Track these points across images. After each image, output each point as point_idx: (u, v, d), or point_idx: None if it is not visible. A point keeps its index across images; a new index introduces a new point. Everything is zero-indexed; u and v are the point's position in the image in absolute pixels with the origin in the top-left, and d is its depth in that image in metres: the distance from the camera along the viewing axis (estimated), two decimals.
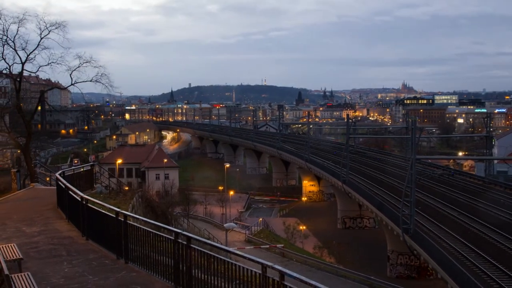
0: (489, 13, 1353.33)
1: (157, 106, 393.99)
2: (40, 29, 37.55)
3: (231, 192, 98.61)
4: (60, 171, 27.85)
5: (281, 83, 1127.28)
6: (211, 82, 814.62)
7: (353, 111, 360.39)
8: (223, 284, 11.06)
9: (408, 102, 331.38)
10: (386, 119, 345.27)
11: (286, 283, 9.48)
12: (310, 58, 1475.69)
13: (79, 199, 19.07)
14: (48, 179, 40.53)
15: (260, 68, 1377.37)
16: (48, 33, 37.75)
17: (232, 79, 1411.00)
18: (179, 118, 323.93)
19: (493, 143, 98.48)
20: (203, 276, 11.81)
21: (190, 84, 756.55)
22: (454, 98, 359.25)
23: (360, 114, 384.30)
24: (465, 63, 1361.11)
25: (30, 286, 12.42)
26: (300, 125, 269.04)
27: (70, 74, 39.31)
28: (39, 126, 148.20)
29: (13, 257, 14.91)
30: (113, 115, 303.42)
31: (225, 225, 63.87)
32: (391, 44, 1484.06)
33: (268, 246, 61.52)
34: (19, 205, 27.78)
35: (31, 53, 37.87)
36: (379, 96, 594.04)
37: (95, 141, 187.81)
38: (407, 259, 56.56)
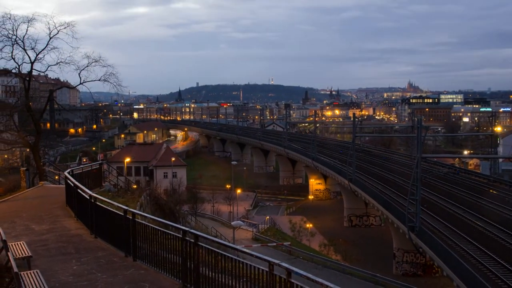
0: None
1: (165, 105, 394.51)
2: (49, 29, 37.88)
3: (238, 191, 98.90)
4: (68, 170, 28.07)
5: (288, 82, 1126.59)
6: (219, 81, 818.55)
7: (359, 110, 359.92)
8: (230, 281, 11.15)
9: (414, 101, 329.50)
10: (392, 118, 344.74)
11: (293, 280, 9.53)
12: (316, 57, 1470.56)
13: (88, 197, 19.26)
14: (57, 177, 40.73)
15: (267, 66, 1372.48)
16: (57, 33, 38.06)
17: (239, 78, 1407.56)
18: (187, 117, 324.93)
19: (498, 141, 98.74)
20: (210, 273, 11.91)
21: (197, 83, 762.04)
22: (459, 97, 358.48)
23: (366, 113, 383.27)
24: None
25: (39, 284, 12.47)
26: (307, 124, 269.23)
27: (79, 74, 39.55)
28: (48, 125, 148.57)
29: (22, 254, 15.02)
30: (121, 114, 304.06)
31: (232, 223, 63.97)
32: (396, 41, 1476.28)
33: (275, 244, 61.65)
34: (28, 203, 27.90)
35: (40, 52, 38.16)
36: (385, 95, 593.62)
37: (104, 140, 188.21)
38: (412, 257, 56.61)
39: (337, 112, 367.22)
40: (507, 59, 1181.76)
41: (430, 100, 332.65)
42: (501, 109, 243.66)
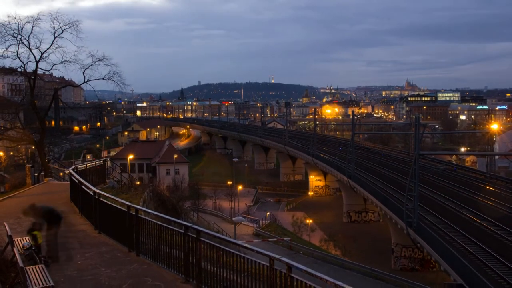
0: None
1: (167, 103, 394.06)
2: (54, 29, 38.31)
3: (240, 187, 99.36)
4: (73, 167, 28.31)
5: (288, 81, 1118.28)
6: (220, 80, 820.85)
7: (358, 108, 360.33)
8: (232, 276, 11.28)
9: (411, 99, 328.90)
10: (390, 116, 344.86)
11: (293, 275, 9.62)
12: (317, 56, 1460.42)
13: (92, 194, 19.48)
14: (61, 174, 41.25)
15: (268, 65, 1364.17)
16: (62, 32, 38.51)
17: (241, 77, 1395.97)
18: (189, 114, 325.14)
19: (494, 139, 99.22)
20: (212, 268, 12.05)
21: (199, 82, 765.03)
22: (456, 95, 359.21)
23: (365, 111, 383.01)
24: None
25: (44, 278, 12.49)
26: (306, 122, 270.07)
27: (83, 72, 40.06)
28: (53, 122, 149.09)
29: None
30: (124, 112, 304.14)
31: (233, 218, 64.38)
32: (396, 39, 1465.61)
33: (275, 239, 62.04)
34: (33, 199, 27.21)
35: (45, 51, 38.62)
36: (383, 93, 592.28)
37: (107, 137, 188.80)
38: (410, 251, 57.21)
39: (336, 110, 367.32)
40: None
41: (428, 98, 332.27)
42: (497, 107, 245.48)
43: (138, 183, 39.56)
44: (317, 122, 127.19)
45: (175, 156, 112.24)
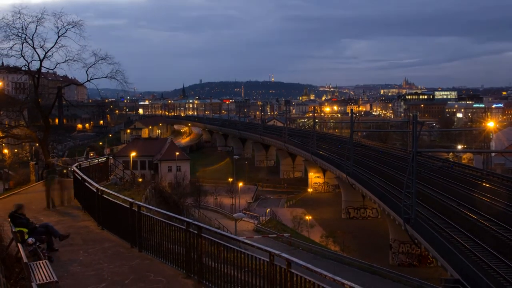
0: None
1: (169, 101, 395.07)
2: (58, 28, 38.65)
3: (240, 184, 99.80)
4: (76, 164, 28.58)
5: (288, 79, 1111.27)
6: (221, 78, 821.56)
7: (357, 106, 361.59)
8: (232, 271, 11.45)
9: (409, 97, 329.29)
10: (388, 114, 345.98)
11: (293, 270, 9.76)
12: (316, 56, 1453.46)
13: (95, 190, 19.50)
14: (65, 171, 41.56)
15: (269, 64, 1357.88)
16: (66, 32, 38.88)
17: (241, 76, 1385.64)
18: (190, 112, 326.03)
19: (491, 136, 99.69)
20: (213, 264, 12.22)
21: (201, 80, 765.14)
22: (453, 93, 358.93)
23: (364, 109, 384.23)
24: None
25: (48, 273, 12.59)
26: (306, 120, 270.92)
27: (86, 71, 40.33)
28: (57, 120, 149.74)
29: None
30: (127, 110, 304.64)
31: (234, 215, 64.92)
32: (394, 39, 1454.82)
33: (275, 235, 62.31)
34: (37, 196, 27.74)
35: (49, 50, 38.96)
36: (381, 91, 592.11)
37: (110, 135, 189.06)
38: (408, 247, 57.56)
39: (335, 108, 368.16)
40: None
41: (425, 97, 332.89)
42: (494, 105, 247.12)
43: (140, 180, 39.89)
44: (316, 120, 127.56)
45: (177, 153, 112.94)
